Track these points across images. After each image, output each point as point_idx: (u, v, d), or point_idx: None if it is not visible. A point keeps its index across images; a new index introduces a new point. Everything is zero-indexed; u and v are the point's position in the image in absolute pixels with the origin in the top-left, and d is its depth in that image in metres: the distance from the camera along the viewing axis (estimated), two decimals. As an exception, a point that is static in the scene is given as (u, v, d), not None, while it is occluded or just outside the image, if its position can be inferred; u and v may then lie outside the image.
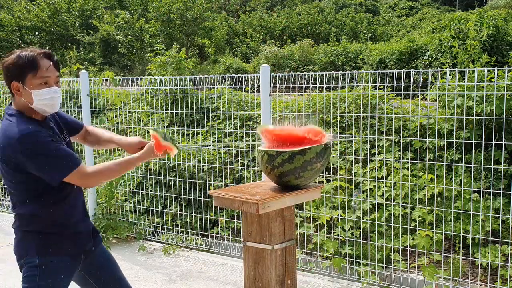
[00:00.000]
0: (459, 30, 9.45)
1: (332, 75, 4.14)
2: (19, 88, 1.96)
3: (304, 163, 2.25)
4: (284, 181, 2.35)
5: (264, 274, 2.37)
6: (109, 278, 2.28)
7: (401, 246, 3.97)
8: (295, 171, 2.26)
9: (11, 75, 1.96)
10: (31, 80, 1.95)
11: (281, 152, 2.26)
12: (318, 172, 2.35)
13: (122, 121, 6.05)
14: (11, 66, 1.95)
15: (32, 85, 1.95)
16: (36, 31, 22.63)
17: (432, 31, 18.75)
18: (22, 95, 1.97)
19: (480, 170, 4.06)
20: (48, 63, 1.99)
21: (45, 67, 1.97)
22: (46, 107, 2.00)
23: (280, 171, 2.29)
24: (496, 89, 3.76)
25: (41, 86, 1.96)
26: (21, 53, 1.96)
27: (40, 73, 1.96)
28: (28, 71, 1.94)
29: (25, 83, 1.95)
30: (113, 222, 5.14)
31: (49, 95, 1.98)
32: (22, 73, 1.94)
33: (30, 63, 1.94)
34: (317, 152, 2.27)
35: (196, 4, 19.48)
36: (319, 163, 2.29)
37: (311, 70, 15.59)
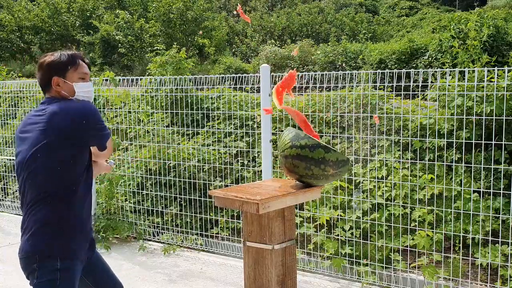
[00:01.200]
0: (459, 30, 9.45)
1: (332, 75, 4.14)
2: (60, 83, 2.15)
3: (320, 159, 2.29)
4: (293, 164, 2.36)
5: (264, 274, 2.37)
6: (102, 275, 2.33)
7: (401, 246, 3.97)
8: (309, 161, 2.30)
9: (53, 71, 2.15)
10: (72, 74, 2.17)
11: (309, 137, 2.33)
12: (326, 178, 2.38)
13: (122, 121, 6.05)
14: (54, 63, 2.15)
15: (73, 79, 2.17)
16: (36, 31, 22.62)
17: (432, 31, 18.76)
18: (62, 89, 2.15)
19: (480, 170, 4.06)
20: (83, 62, 2.24)
21: (83, 65, 2.23)
22: (85, 98, 2.20)
23: (296, 152, 2.32)
24: (496, 89, 3.76)
25: (80, 80, 2.19)
26: (62, 52, 2.20)
27: (80, 69, 2.20)
28: (70, 67, 2.17)
29: (66, 77, 2.16)
30: (113, 222, 5.13)
31: (88, 88, 2.22)
32: (64, 69, 2.16)
33: (72, 60, 2.18)
34: (337, 158, 2.32)
35: (196, 4, 19.47)
36: (333, 170, 2.34)
37: (311, 70, 15.58)
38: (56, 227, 2.02)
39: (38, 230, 2.01)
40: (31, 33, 22.69)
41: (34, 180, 2.02)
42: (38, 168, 2.01)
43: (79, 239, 2.11)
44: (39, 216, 2.01)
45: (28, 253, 2.02)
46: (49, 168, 2.01)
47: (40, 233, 2.01)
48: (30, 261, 2.02)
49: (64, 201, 2.04)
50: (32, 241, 2.01)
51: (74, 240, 2.08)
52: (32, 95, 6.68)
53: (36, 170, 2.02)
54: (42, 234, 2.01)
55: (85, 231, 2.16)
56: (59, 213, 2.02)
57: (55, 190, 2.02)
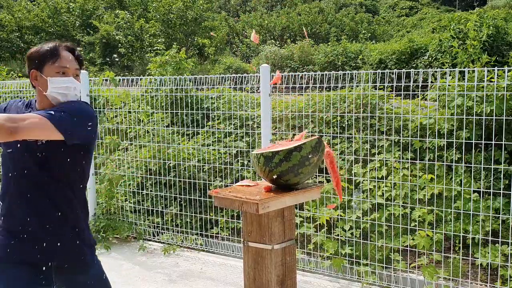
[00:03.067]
0: (459, 30, 9.45)
1: (332, 75, 4.14)
2: (37, 77, 1.98)
3: (301, 159, 2.25)
4: (283, 181, 2.34)
5: (264, 274, 2.37)
6: None
7: (401, 246, 3.97)
8: (293, 168, 2.26)
9: (32, 63, 1.99)
10: (49, 68, 1.97)
11: (277, 151, 2.25)
12: (315, 167, 2.35)
13: (122, 121, 6.05)
14: (33, 54, 1.99)
15: (50, 73, 1.97)
16: (36, 31, 22.62)
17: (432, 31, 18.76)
18: (39, 84, 1.98)
19: (480, 170, 4.06)
20: (68, 55, 2.01)
21: (65, 58, 2.00)
22: (59, 96, 1.98)
23: (279, 171, 2.28)
24: (496, 89, 3.76)
25: (58, 75, 1.97)
26: (45, 44, 2.01)
27: (59, 62, 1.98)
28: (48, 60, 1.97)
29: (43, 71, 1.97)
30: (113, 222, 5.13)
31: (65, 84, 1.97)
32: (42, 61, 1.97)
33: (51, 52, 1.97)
34: (312, 146, 2.27)
35: (196, 4, 19.48)
36: (316, 157, 2.30)
37: (311, 70, 15.59)
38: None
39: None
40: (31, 33, 22.70)
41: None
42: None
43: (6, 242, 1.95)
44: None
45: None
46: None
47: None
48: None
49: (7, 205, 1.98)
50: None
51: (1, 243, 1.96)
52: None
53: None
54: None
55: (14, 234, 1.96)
56: None
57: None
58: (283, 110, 5.12)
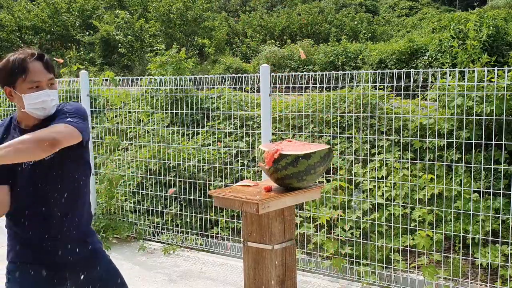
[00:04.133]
0: (459, 30, 9.45)
1: (332, 75, 4.14)
2: (11, 93, 1.91)
3: (308, 167, 2.22)
4: (285, 183, 2.34)
5: (264, 274, 2.37)
6: None
7: (401, 246, 3.97)
8: (298, 174, 2.24)
9: (3, 80, 1.91)
10: (21, 84, 1.88)
11: (285, 155, 2.22)
12: (320, 175, 2.35)
13: (122, 121, 6.05)
14: (1, 70, 1.90)
15: (22, 89, 1.88)
16: (36, 31, 22.63)
17: (432, 31, 18.75)
18: (14, 100, 1.93)
19: (480, 170, 4.06)
20: (38, 66, 1.91)
21: (35, 70, 1.89)
22: (38, 111, 1.93)
23: (283, 174, 2.26)
24: (496, 89, 3.76)
25: (32, 90, 1.89)
26: (11, 57, 1.90)
27: (30, 77, 1.88)
28: (18, 76, 1.88)
29: (16, 87, 1.89)
30: (113, 222, 5.13)
31: (40, 98, 1.90)
32: (12, 78, 1.89)
33: (19, 68, 1.87)
34: (321, 156, 2.24)
35: (196, 4, 19.48)
36: (322, 167, 2.27)
37: (311, 70, 15.58)
38: (8, 233, 2.08)
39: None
40: (31, 33, 22.69)
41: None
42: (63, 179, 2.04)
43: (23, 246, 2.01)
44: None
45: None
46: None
47: None
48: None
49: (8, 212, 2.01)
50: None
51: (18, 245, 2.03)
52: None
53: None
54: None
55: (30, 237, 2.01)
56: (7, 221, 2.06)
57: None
58: (283, 110, 5.12)
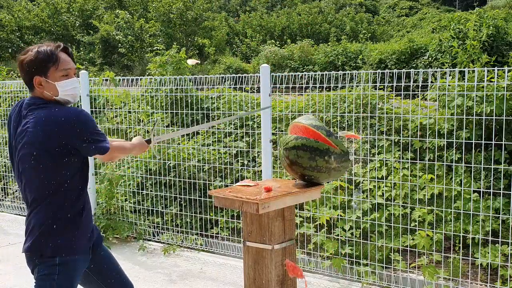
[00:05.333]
0: (459, 30, 9.46)
1: (332, 75, 4.14)
2: (42, 82, 2.04)
3: (325, 150, 2.34)
4: (298, 155, 2.39)
5: (264, 274, 2.37)
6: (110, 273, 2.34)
7: (401, 246, 3.97)
8: (314, 151, 2.35)
9: (33, 70, 2.03)
10: (54, 73, 2.04)
11: None
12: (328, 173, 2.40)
13: (122, 121, 6.05)
14: (32, 61, 2.03)
15: (55, 78, 2.05)
16: (36, 31, 22.63)
17: (432, 31, 18.77)
18: (45, 89, 2.05)
19: (480, 170, 4.06)
20: (66, 56, 2.10)
21: (65, 60, 2.08)
22: (70, 97, 2.11)
23: (301, 143, 2.36)
24: (496, 89, 3.76)
25: (63, 78, 2.06)
26: (40, 49, 2.04)
27: (61, 65, 2.06)
28: (50, 65, 2.03)
29: (48, 76, 2.04)
30: (113, 222, 5.13)
31: (72, 85, 2.09)
32: (44, 68, 2.03)
33: (51, 57, 2.03)
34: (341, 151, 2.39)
35: (196, 4, 19.49)
36: (336, 163, 2.39)
37: (311, 70, 15.58)
38: (53, 226, 2.07)
39: (38, 230, 2.07)
40: (31, 33, 22.70)
41: (31, 185, 2.07)
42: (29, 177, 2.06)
43: (77, 236, 2.12)
44: (38, 217, 2.07)
45: (30, 251, 2.09)
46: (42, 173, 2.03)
47: (40, 232, 2.07)
48: (32, 257, 2.10)
49: (59, 202, 2.07)
50: (33, 240, 2.08)
51: (71, 238, 2.10)
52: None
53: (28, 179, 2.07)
54: (41, 233, 2.07)
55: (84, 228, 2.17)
56: (55, 213, 2.07)
57: (50, 192, 2.06)
58: (283, 110, 5.12)
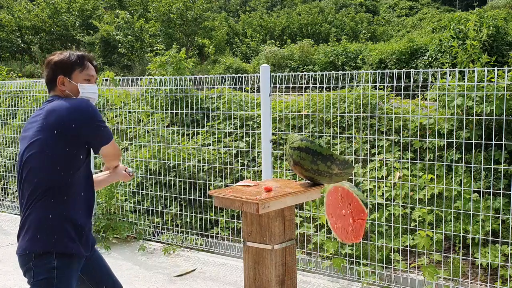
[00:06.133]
0: (459, 30, 9.46)
1: (332, 75, 4.14)
2: (65, 82, 2.18)
3: (328, 156, 2.37)
4: (301, 157, 2.42)
5: (264, 274, 2.37)
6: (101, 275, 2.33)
7: (401, 246, 3.97)
8: (317, 155, 2.37)
9: (59, 70, 2.18)
10: (78, 75, 2.21)
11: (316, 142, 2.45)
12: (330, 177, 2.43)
13: (122, 121, 6.05)
14: (62, 61, 2.19)
15: (78, 79, 2.20)
16: (36, 31, 22.63)
17: (432, 31, 18.77)
18: (66, 88, 2.19)
19: (480, 170, 4.06)
20: (91, 65, 2.28)
21: (90, 67, 2.27)
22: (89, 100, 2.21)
23: (306, 145, 2.40)
24: (496, 89, 3.76)
25: (85, 82, 2.23)
26: (72, 52, 2.24)
27: (87, 71, 2.24)
28: (76, 67, 2.20)
29: (72, 77, 2.19)
30: (113, 222, 5.13)
31: (92, 90, 2.25)
32: (71, 69, 2.19)
33: (80, 61, 2.22)
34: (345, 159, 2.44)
35: (196, 4, 19.49)
36: (338, 169, 2.42)
37: (311, 70, 15.58)
38: (52, 225, 2.01)
39: (35, 228, 2.01)
40: (31, 33, 22.70)
41: (30, 178, 2.03)
42: (33, 166, 2.02)
43: (76, 236, 2.08)
44: (36, 214, 2.01)
45: (25, 251, 2.01)
46: (43, 165, 2.01)
47: (37, 231, 2.00)
48: (27, 259, 2.02)
49: (59, 199, 2.03)
50: (28, 239, 2.01)
51: (71, 237, 2.05)
52: (32, 95, 6.68)
53: (31, 168, 2.03)
54: (38, 232, 2.00)
55: (83, 229, 2.12)
56: (54, 211, 2.02)
57: (50, 187, 2.01)
58: (283, 110, 5.12)
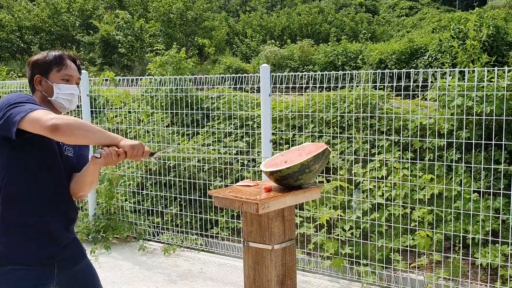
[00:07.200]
0: (459, 30, 9.46)
1: (332, 75, 4.14)
2: (42, 82, 2.06)
3: (301, 167, 2.28)
4: (284, 184, 2.38)
5: (264, 274, 2.37)
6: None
7: (401, 246, 3.97)
8: (293, 175, 2.30)
9: (37, 69, 2.07)
10: (55, 74, 2.07)
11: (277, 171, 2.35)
12: (317, 172, 2.37)
13: (122, 121, 6.05)
14: (39, 61, 2.07)
15: (55, 79, 2.07)
16: (36, 31, 22.63)
17: (432, 31, 18.77)
18: (42, 89, 2.06)
19: (480, 170, 4.06)
20: (72, 65, 2.14)
21: (70, 67, 2.12)
22: (65, 102, 2.08)
23: (279, 175, 2.33)
24: (496, 89, 3.76)
25: (63, 82, 2.08)
26: (50, 52, 2.11)
27: (65, 70, 2.09)
28: (54, 67, 2.07)
29: (49, 77, 2.06)
30: (113, 222, 5.13)
31: (70, 90, 2.08)
32: (48, 68, 2.07)
33: (57, 60, 2.08)
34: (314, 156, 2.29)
35: (196, 4, 19.49)
36: (317, 164, 2.32)
37: (311, 70, 15.58)
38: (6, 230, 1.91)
39: None
40: (31, 33, 22.70)
41: None
42: None
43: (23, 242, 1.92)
44: None
45: None
46: None
47: None
48: None
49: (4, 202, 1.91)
50: None
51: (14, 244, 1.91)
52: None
53: None
54: None
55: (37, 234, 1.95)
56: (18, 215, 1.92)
57: None
58: (283, 110, 5.12)
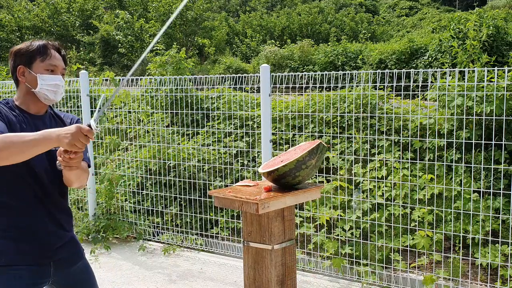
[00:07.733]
0: (459, 30, 9.46)
1: (332, 75, 4.14)
2: (25, 73, 1.97)
3: (298, 164, 2.28)
4: (283, 183, 2.38)
5: (264, 274, 2.37)
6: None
7: (401, 246, 3.97)
8: (290, 172, 2.30)
9: (19, 59, 1.98)
10: (39, 64, 1.98)
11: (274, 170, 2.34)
12: (315, 168, 2.37)
13: (122, 121, 6.05)
14: (22, 50, 1.99)
15: (39, 69, 1.97)
16: (36, 31, 22.64)
17: (432, 31, 18.78)
18: (26, 80, 1.98)
19: (480, 170, 4.06)
20: (57, 54, 2.04)
21: (55, 56, 2.02)
22: (49, 93, 2.00)
23: (276, 174, 2.33)
24: (496, 89, 3.76)
25: (47, 72, 1.99)
26: (33, 41, 2.01)
27: (49, 60, 1.99)
28: (37, 56, 1.98)
29: (32, 67, 1.97)
30: (113, 222, 5.13)
31: (54, 81, 2.00)
32: (31, 58, 1.97)
33: (41, 50, 1.98)
34: (309, 151, 2.30)
35: (196, 4, 19.50)
36: (313, 159, 2.32)
37: (311, 70, 15.59)
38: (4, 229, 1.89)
39: None
40: (31, 33, 22.71)
41: None
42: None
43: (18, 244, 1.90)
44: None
45: None
46: None
47: None
48: None
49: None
50: None
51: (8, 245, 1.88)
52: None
53: None
54: None
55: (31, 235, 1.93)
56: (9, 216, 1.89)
57: None
58: (283, 110, 5.12)
